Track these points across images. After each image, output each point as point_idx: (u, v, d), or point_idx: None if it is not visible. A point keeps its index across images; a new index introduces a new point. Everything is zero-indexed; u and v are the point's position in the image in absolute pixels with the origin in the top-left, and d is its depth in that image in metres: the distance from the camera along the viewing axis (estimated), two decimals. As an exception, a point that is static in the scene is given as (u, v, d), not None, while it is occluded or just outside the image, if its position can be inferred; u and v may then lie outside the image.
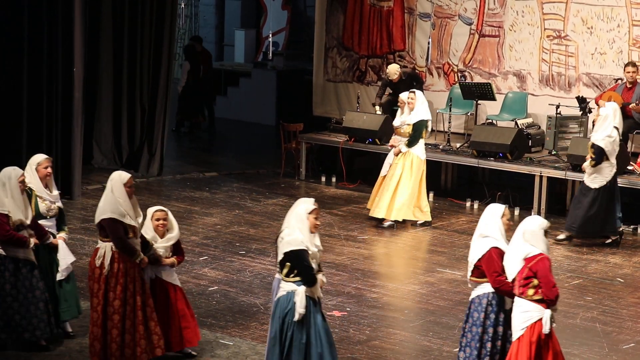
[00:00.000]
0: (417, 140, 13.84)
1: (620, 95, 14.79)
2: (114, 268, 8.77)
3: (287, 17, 23.13)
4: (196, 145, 19.98)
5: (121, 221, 8.73)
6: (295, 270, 8.07)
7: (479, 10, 16.90)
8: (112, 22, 16.59)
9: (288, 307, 8.05)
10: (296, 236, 8.04)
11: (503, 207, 8.32)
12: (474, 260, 8.25)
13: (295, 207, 8.16)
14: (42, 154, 9.73)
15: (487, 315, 8.21)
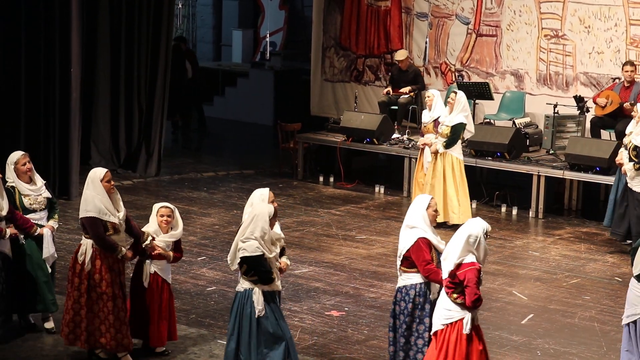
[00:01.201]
0: (455, 143, 13.77)
1: (618, 94, 14.80)
2: (96, 264, 8.86)
3: (284, 17, 23.14)
4: (193, 145, 19.98)
5: (100, 218, 8.79)
6: (251, 271, 8.26)
7: (476, 10, 16.90)
8: (110, 22, 16.58)
9: (246, 304, 8.27)
10: (251, 242, 8.18)
11: (429, 198, 8.49)
12: (402, 251, 8.40)
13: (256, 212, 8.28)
14: (18, 152, 9.76)
15: (416, 306, 8.41)
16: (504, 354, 9.73)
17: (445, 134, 13.73)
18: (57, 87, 14.78)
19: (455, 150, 13.83)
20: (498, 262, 12.57)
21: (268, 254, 8.26)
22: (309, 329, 10.26)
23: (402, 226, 8.51)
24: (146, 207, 14.50)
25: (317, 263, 12.42)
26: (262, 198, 8.56)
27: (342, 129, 16.27)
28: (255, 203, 8.52)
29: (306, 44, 19.69)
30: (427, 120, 14.08)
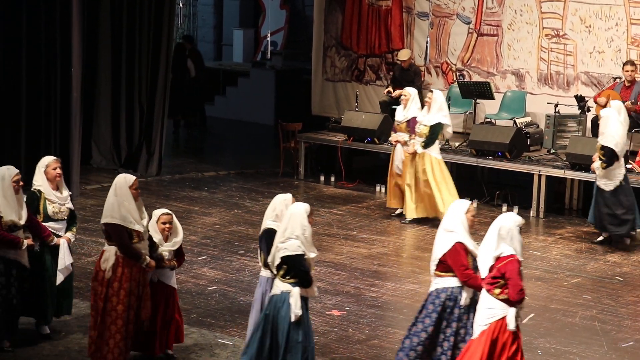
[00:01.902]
0: (433, 142, 13.80)
1: (619, 94, 14.79)
2: (117, 272, 8.65)
3: (285, 16, 23.14)
4: (195, 145, 19.98)
5: (125, 226, 8.61)
6: (291, 272, 8.11)
7: (477, 9, 16.90)
8: (111, 22, 16.58)
9: (282, 307, 8.11)
10: (293, 242, 8.07)
11: (468, 203, 8.40)
12: (438, 255, 8.32)
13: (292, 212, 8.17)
14: (50, 156, 9.61)
15: (445, 309, 8.32)
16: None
17: (424, 134, 13.74)
18: (58, 86, 14.79)
19: (434, 150, 13.85)
20: (499, 261, 12.56)
21: (308, 254, 8.14)
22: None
23: (439, 229, 8.41)
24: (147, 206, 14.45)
25: (318, 262, 12.39)
26: (286, 203, 8.48)
27: (343, 129, 16.27)
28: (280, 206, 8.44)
29: (307, 43, 19.70)
30: (400, 119, 14.10)
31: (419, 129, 13.78)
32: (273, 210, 8.56)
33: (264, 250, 8.57)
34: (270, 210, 8.59)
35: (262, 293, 8.63)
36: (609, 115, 12.85)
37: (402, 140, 14.01)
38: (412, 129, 13.92)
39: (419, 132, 13.78)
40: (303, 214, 8.15)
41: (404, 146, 14.00)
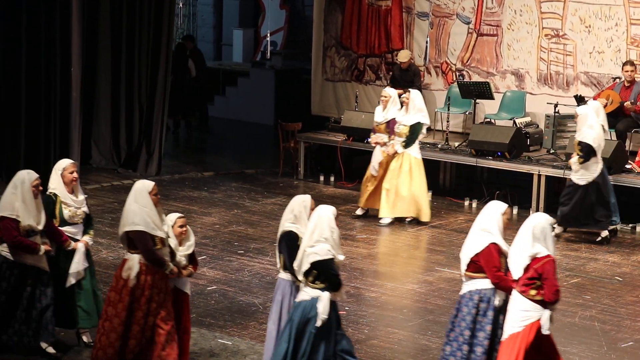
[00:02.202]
0: (413, 142, 13.83)
1: (619, 94, 14.80)
2: (140, 280, 8.53)
3: (285, 16, 23.13)
4: (194, 145, 19.98)
5: (149, 232, 8.46)
6: (321, 277, 8.02)
7: (477, 9, 16.89)
8: (110, 21, 16.58)
9: (311, 313, 8.01)
10: (322, 246, 7.97)
11: (505, 206, 8.33)
12: (470, 255, 8.24)
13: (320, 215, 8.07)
14: (67, 159, 9.47)
15: (479, 312, 8.23)
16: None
17: (404, 134, 13.74)
18: (58, 86, 14.79)
19: (413, 150, 13.84)
20: (498, 261, 12.56)
21: (337, 257, 8.06)
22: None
23: (473, 229, 8.35)
24: (147, 206, 14.52)
25: (317, 262, 12.41)
26: (305, 205, 8.40)
27: (343, 129, 16.27)
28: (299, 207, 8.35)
29: (307, 43, 19.69)
30: (380, 120, 14.08)
31: (398, 129, 13.81)
32: (291, 212, 8.43)
33: (283, 253, 8.43)
34: (288, 212, 8.45)
35: (283, 296, 8.49)
36: (586, 113, 12.99)
37: (381, 141, 14.00)
38: (391, 129, 13.94)
39: (399, 132, 13.81)
40: (331, 216, 8.07)
41: (383, 147, 13.99)
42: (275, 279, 11.58)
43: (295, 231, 8.35)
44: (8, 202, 8.81)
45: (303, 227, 8.31)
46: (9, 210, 8.78)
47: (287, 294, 8.45)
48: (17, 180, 8.85)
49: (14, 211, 8.76)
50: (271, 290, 11.15)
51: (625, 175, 14.21)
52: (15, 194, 8.80)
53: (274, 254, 12.45)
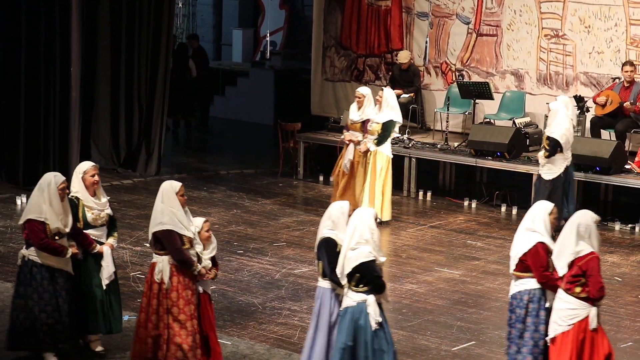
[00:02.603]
0: (386, 140, 13.84)
1: (618, 94, 14.80)
2: (173, 282, 8.45)
3: (284, 16, 23.13)
4: (194, 144, 19.98)
5: (177, 231, 8.41)
6: (364, 280, 7.95)
7: (476, 10, 16.89)
8: (110, 21, 16.57)
9: (360, 318, 7.93)
10: (364, 248, 7.91)
11: (552, 205, 8.35)
12: (518, 254, 8.23)
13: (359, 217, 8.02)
14: (88, 162, 9.38)
15: (529, 312, 8.22)
16: (504, 353, 9.73)
17: (376, 131, 13.75)
18: (57, 86, 14.78)
19: (386, 148, 13.86)
20: (498, 261, 12.57)
21: (378, 258, 7.99)
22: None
23: (520, 228, 8.34)
24: (146, 206, 14.50)
25: (317, 262, 12.41)
26: (342, 211, 8.33)
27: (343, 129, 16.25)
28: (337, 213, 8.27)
29: (306, 43, 19.69)
30: (356, 119, 14.06)
31: (371, 126, 13.83)
32: (329, 218, 8.34)
33: (322, 260, 8.33)
34: (326, 219, 8.35)
35: (322, 304, 8.37)
36: (557, 109, 13.12)
37: (355, 139, 14.01)
38: (365, 129, 13.95)
39: (371, 130, 13.83)
40: (370, 218, 8.01)
41: (357, 145, 13.99)
42: (275, 279, 11.62)
43: (334, 238, 8.26)
44: (35, 204, 8.73)
45: (341, 234, 8.23)
46: (37, 213, 8.70)
47: (327, 301, 8.35)
48: (44, 182, 8.77)
49: (42, 214, 8.68)
50: (270, 290, 11.18)
51: (624, 176, 14.21)
52: (42, 196, 8.72)
53: (274, 254, 12.51)
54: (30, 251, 8.83)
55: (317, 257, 8.41)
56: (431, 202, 15.43)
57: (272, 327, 10.23)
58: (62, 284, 8.85)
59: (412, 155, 15.67)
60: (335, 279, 8.21)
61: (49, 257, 8.77)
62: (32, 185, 14.82)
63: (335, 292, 8.31)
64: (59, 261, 8.82)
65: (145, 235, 12.93)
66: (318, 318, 8.37)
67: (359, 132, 14.04)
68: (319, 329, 8.36)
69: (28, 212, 8.77)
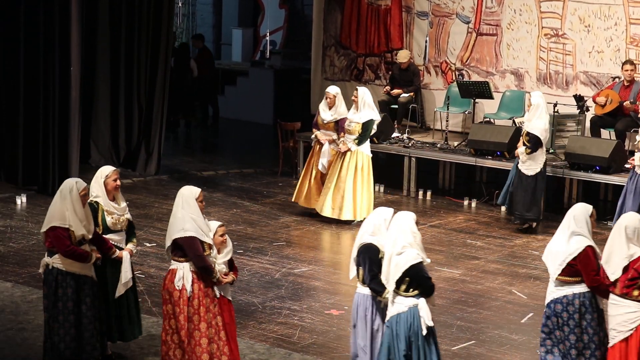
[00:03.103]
0: (366, 139, 13.83)
1: (618, 93, 14.79)
2: (194, 289, 8.38)
3: (284, 15, 23.14)
4: (194, 144, 19.97)
5: (199, 238, 8.34)
6: (414, 284, 7.83)
7: (476, 9, 16.89)
8: (109, 21, 16.57)
9: (414, 323, 7.82)
10: (410, 251, 7.81)
11: (591, 207, 8.27)
12: (567, 259, 8.09)
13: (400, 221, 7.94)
14: (109, 166, 9.28)
15: (582, 316, 8.12)
16: (504, 352, 9.74)
17: (357, 131, 13.73)
18: (57, 86, 14.77)
19: (366, 147, 13.85)
20: (498, 261, 12.57)
21: (425, 259, 7.89)
22: (308, 327, 10.26)
23: (561, 233, 8.23)
24: (146, 206, 14.51)
25: (316, 262, 12.42)
26: (385, 217, 8.25)
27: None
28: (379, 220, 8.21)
29: (306, 42, 19.69)
30: (329, 118, 14.02)
31: (350, 126, 13.79)
32: (371, 224, 8.28)
33: (363, 267, 8.27)
34: (368, 224, 8.30)
35: (366, 311, 8.33)
36: (539, 103, 13.24)
37: (330, 138, 13.98)
38: (340, 127, 13.92)
39: (351, 130, 13.79)
40: (411, 221, 7.90)
41: (332, 145, 13.97)
42: (275, 278, 11.61)
43: (375, 244, 8.21)
44: (58, 211, 8.61)
45: (382, 240, 8.17)
46: (60, 219, 8.57)
47: (370, 307, 8.30)
48: (66, 189, 8.64)
49: (66, 221, 8.57)
50: (269, 289, 11.18)
51: (624, 175, 14.18)
52: (65, 203, 8.59)
53: (274, 253, 12.50)
54: (54, 259, 8.67)
55: (357, 263, 8.31)
56: (431, 201, 15.43)
57: (272, 326, 10.23)
58: (87, 291, 8.73)
59: (412, 155, 15.67)
60: (375, 288, 8.14)
61: (73, 264, 8.65)
62: (32, 185, 15.02)
63: (376, 299, 8.23)
64: (83, 267, 8.70)
65: (145, 234, 12.93)
66: (366, 324, 8.32)
67: (332, 131, 14.01)
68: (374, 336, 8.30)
69: (51, 219, 8.63)
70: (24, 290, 10.98)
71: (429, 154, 15.65)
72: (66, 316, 8.66)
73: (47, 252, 8.77)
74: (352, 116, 13.85)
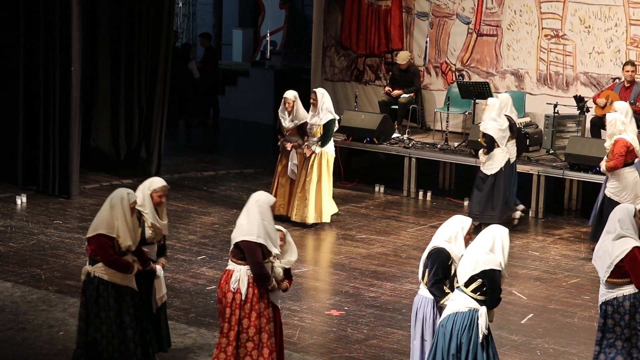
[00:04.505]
0: (329, 140, 13.82)
1: (618, 94, 14.79)
2: (249, 293, 8.31)
3: (284, 16, 23.15)
4: (194, 144, 19.97)
5: (265, 246, 8.28)
6: (483, 288, 7.69)
7: (476, 10, 16.90)
8: (110, 20, 16.56)
9: (470, 326, 7.66)
10: (495, 257, 7.71)
11: (633, 207, 8.27)
12: (615, 260, 8.11)
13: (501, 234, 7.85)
14: (160, 179, 9.18)
15: (632, 316, 8.15)
16: (504, 353, 9.74)
17: (319, 133, 13.72)
18: (57, 85, 14.78)
19: (330, 148, 13.88)
20: (498, 261, 12.56)
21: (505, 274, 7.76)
22: (308, 328, 10.27)
23: (607, 235, 8.24)
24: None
25: (316, 262, 12.42)
26: (463, 226, 8.24)
27: (342, 128, 16.25)
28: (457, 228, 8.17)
29: (306, 43, 19.70)
30: (290, 125, 13.85)
31: (312, 129, 13.76)
32: (448, 230, 8.23)
33: (430, 269, 8.15)
34: (445, 229, 8.25)
35: (425, 314, 8.27)
36: (494, 104, 13.35)
37: (296, 144, 13.94)
38: (303, 131, 13.87)
39: (313, 132, 13.76)
40: (507, 237, 7.82)
41: (298, 149, 13.94)
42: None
43: (447, 250, 8.13)
44: (105, 220, 8.52)
45: (456, 248, 8.11)
46: (107, 228, 8.48)
47: (430, 311, 8.23)
48: (116, 199, 8.56)
49: (114, 230, 8.48)
50: (270, 290, 11.16)
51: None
52: (114, 212, 8.50)
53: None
54: (97, 268, 8.57)
55: (425, 264, 8.22)
56: (431, 202, 15.43)
57: (272, 326, 10.23)
58: (128, 302, 8.65)
59: (412, 155, 15.67)
60: (435, 292, 8.07)
61: (115, 274, 8.56)
62: (32, 185, 15.01)
63: (436, 304, 8.15)
64: (124, 278, 8.61)
65: (145, 234, 12.93)
66: (423, 327, 8.26)
67: (295, 136, 13.93)
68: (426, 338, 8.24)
69: (98, 227, 8.52)
70: (24, 290, 10.99)
71: (429, 154, 15.66)
72: (109, 326, 8.57)
73: (88, 260, 8.66)
74: (312, 120, 13.75)
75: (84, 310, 8.63)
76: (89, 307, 8.60)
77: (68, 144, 14.76)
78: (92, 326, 8.57)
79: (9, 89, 15.05)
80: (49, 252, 12.32)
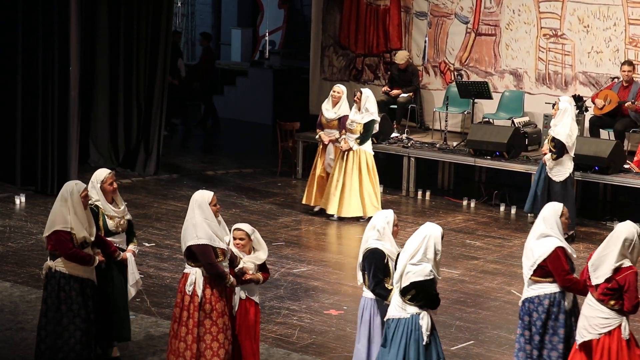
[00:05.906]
0: (368, 139, 13.93)
1: (617, 93, 14.80)
2: (206, 294, 8.32)
3: (283, 15, 23.13)
4: (193, 144, 19.96)
5: (212, 245, 8.28)
6: (419, 297, 7.77)
7: (475, 9, 16.90)
8: (108, 20, 16.57)
9: (414, 331, 7.76)
10: (425, 266, 7.76)
11: (561, 207, 8.32)
12: (538, 260, 8.18)
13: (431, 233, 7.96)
14: (103, 170, 9.15)
15: (550, 316, 8.20)
16: (503, 352, 9.74)
17: (358, 131, 13.80)
18: (56, 85, 14.77)
19: (367, 146, 13.95)
20: (497, 261, 12.58)
21: (437, 276, 7.86)
22: (307, 327, 10.26)
23: (532, 234, 8.33)
24: (145, 205, 14.51)
25: (315, 262, 12.42)
26: (387, 220, 8.24)
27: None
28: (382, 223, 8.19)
29: (305, 42, 19.69)
30: (332, 117, 14.11)
31: (352, 126, 13.87)
32: (374, 228, 8.23)
33: (368, 271, 8.18)
34: (370, 229, 8.25)
35: (371, 316, 8.28)
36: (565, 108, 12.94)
37: (334, 137, 14.07)
38: (342, 126, 13.99)
39: (353, 130, 13.87)
40: (439, 237, 7.93)
41: (335, 143, 14.04)
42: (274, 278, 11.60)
43: (381, 248, 8.17)
44: (59, 215, 8.59)
45: (387, 244, 8.17)
46: (62, 223, 8.55)
47: (375, 313, 8.26)
48: (66, 192, 8.60)
49: (67, 224, 8.55)
50: (268, 289, 11.17)
51: (623, 175, 14.20)
52: (66, 206, 8.57)
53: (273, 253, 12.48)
54: (57, 262, 8.66)
55: (362, 267, 8.26)
56: (430, 201, 15.42)
57: (271, 326, 10.23)
58: (89, 294, 8.72)
59: (411, 155, 15.67)
60: (381, 292, 8.12)
61: (76, 267, 8.63)
62: (31, 185, 15.00)
63: (382, 303, 8.18)
64: (85, 271, 8.68)
65: (144, 234, 12.92)
66: (370, 329, 8.28)
67: (335, 129, 14.10)
68: (372, 341, 8.27)
69: (54, 224, 8.61)
70: (23, 290, 10.98)
71: (428, 154, 15.65)
72: (71, 319, 8.63)
73: (49, 256, 8.74)
74: (353, 116, 13.91)
75: (44, 306, 8.71)
76: (49, 302, 8.67)
77: (66, 143, 14.76)
78: (53, 320, 8.63)
79: (8, 88, 15.04)
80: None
